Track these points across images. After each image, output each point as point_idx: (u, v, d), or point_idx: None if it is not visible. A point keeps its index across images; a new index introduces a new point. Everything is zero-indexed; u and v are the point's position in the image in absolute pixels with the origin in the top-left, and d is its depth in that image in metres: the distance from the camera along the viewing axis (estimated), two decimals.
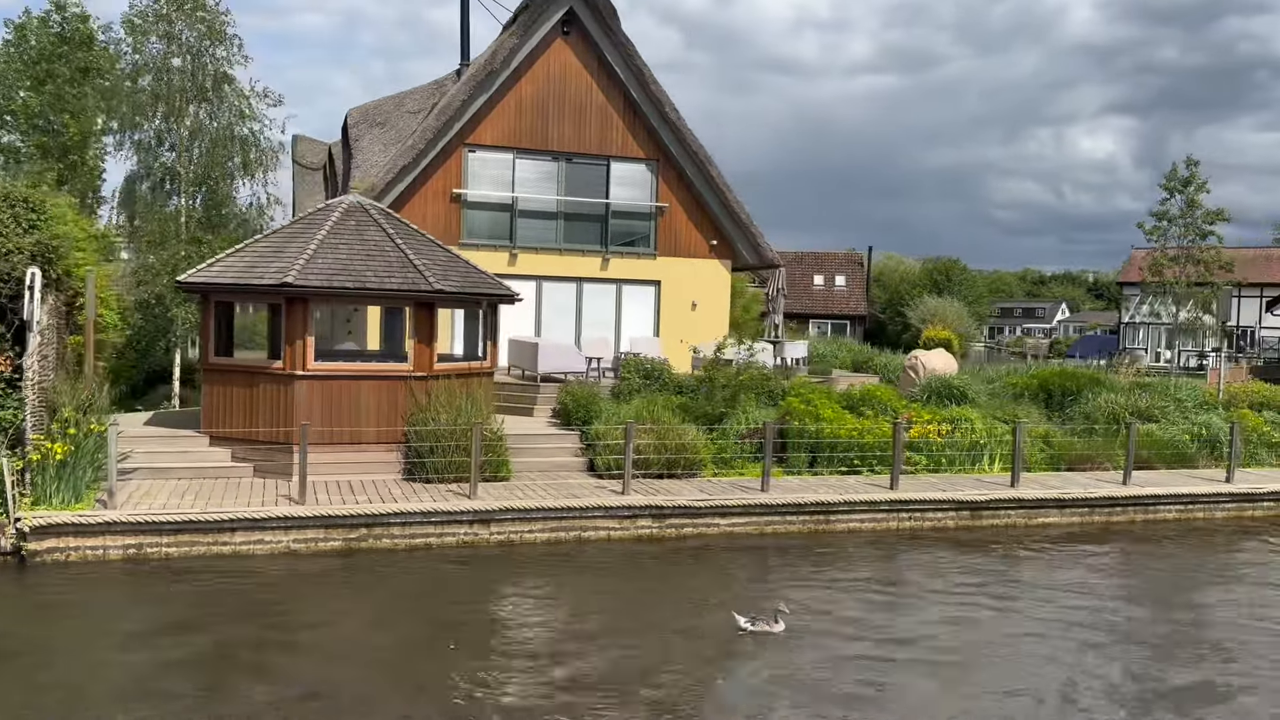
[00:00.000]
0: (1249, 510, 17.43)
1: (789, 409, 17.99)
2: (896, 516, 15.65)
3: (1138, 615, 11.96)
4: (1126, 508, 16.81)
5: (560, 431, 17.48)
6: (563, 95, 24.74)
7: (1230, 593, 13.11)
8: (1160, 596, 12.87)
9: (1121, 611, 12.05)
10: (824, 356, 33.72)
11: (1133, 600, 12.69)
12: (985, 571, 13.58)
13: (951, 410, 19.47)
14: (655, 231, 25.86)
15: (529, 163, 24.79)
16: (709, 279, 26.24)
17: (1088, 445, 18.98)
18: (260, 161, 23.26)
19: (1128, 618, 11.80)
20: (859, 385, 21.44)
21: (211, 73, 22.68)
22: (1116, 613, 11.96)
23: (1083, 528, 16.30)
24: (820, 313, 74.69)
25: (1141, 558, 14.91)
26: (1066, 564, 14.28)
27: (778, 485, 15.91)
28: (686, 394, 19.17)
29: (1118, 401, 21.02)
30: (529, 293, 24.89)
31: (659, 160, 25.58)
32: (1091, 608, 12.01)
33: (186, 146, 22.56)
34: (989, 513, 16.08)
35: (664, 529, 14.49)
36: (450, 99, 23.60)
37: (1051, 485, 16.92)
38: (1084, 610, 11.85)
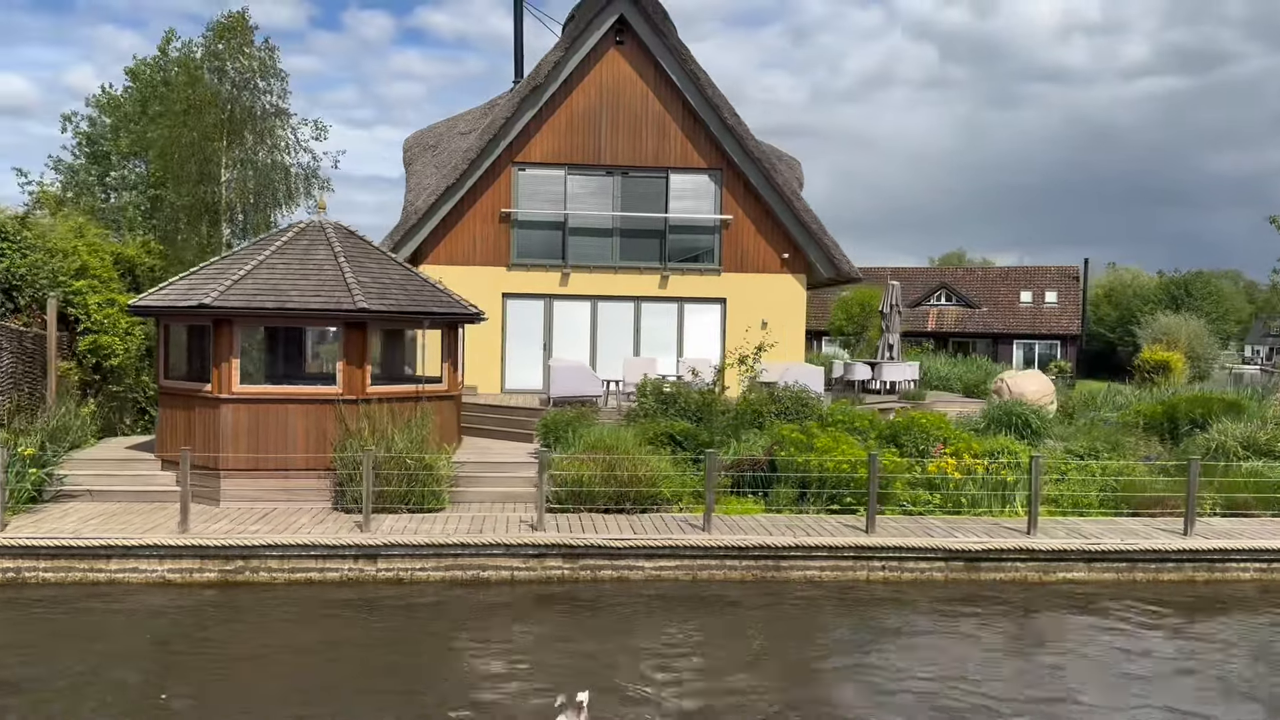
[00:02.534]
0: None
1: (780, 437, 15.91)
2: (867, 565, 13.30)
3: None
4: (1182, 563, 13.51)
5: (535, 460, 16.31)
6: (616, 106, 23.71)
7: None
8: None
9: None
10: (945, 379, 30.55)
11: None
12: (916, 644, 11.15)
13: (998, 440, 16.61)
14: (719, 246, 24.21)
15: (581, 178, 23.89)
16: (781, 295, 24.24)
17: (1164, 485, 15.58)
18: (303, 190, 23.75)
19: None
20: (941, 412, 18.91)
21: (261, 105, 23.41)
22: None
23: (1118, 587, 13.23)
24: (1026, 332, 68.90)
25: (1168, 631, 11.80)
26: (1057, 638, 11.50)
27: (732, 524, 13.97)
28: (703, 419, 17.49)
29: (1234, 433, 17.29)
30: (583, 313, 23.98)
31: (722, 170, 23.96)
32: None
33: (232, 178, 23.45)
34: (989, 565, 13.37)
35: (577, 570, 12.99)
36: (494, 118, 23.12)
37: (1086, 534, 13.90)
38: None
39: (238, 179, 23.84)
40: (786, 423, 17.30)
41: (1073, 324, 68.49)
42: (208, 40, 24.03)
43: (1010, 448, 16.24)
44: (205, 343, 14.61)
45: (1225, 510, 15.25)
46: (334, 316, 14.48)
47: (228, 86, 23.57)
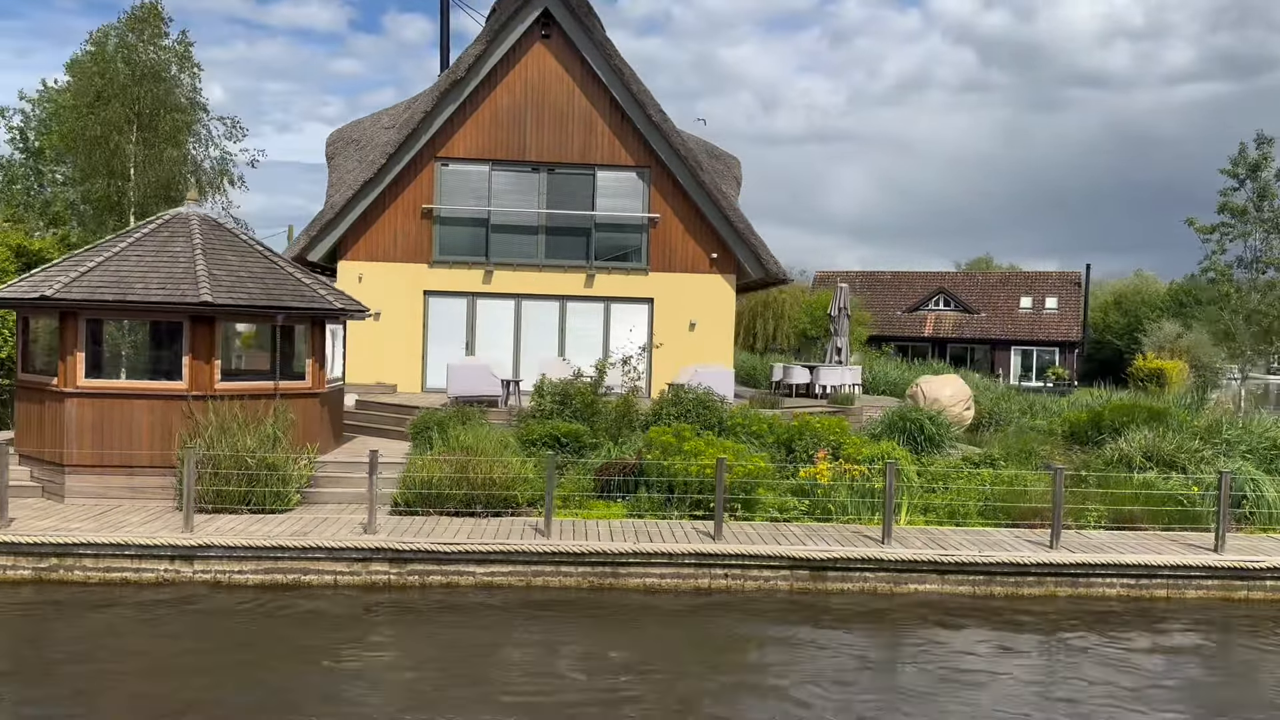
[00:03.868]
0: (1240, 590, 12.87)
1: (650, 440, 15.41)
2: (709, 574, 12.77)
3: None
4: (1044, 577, 12.87)
5: (404, 461, 15.90)
6: (542, 101, 23.29)
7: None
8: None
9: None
10: (893, 383, 29.86)
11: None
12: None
13: (881, 446, 16.01)
14: (647, 245, 23.73)
15: (506, 174, 23.50)
16: (710, 295, 23.71)
17: (1048, 496, 14.91)
18: (214, 185, 23.47)
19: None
20: (839, 416, 18.35)
21: (175, 99, 23.16)
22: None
23: (973, 601, 12.61)
24: (1024, 338, 67.77)
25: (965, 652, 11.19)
26: (856, 650, 10.93)
27: (581, 529, 13.49)
28: (595, 420, 17.02)
29: (1138, 443, 16.58)
30: (507, 312, 23.60)
31: (650, 168, 23.48)
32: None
33: (139, 170, 23.21)
34: (836, 575, 12.79)
35: (405, 575, 12.56)
36: (413, 112, 22.79)
37: (948, 545, 13.28)
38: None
39: (145, 173, 23.61)
40: (685, 426, 16.83)
41: (1073, 330, 67.22)
42: (119, 30, 23.87)
43: (891, 454, 15.64)
44: (55, 336, 14.33)
45: (1111, 523, 14.57)
46: (178, 310, 14.14)
47: (136, 77, 23.32)
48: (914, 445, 17.06)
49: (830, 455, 15.95)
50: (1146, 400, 20.73)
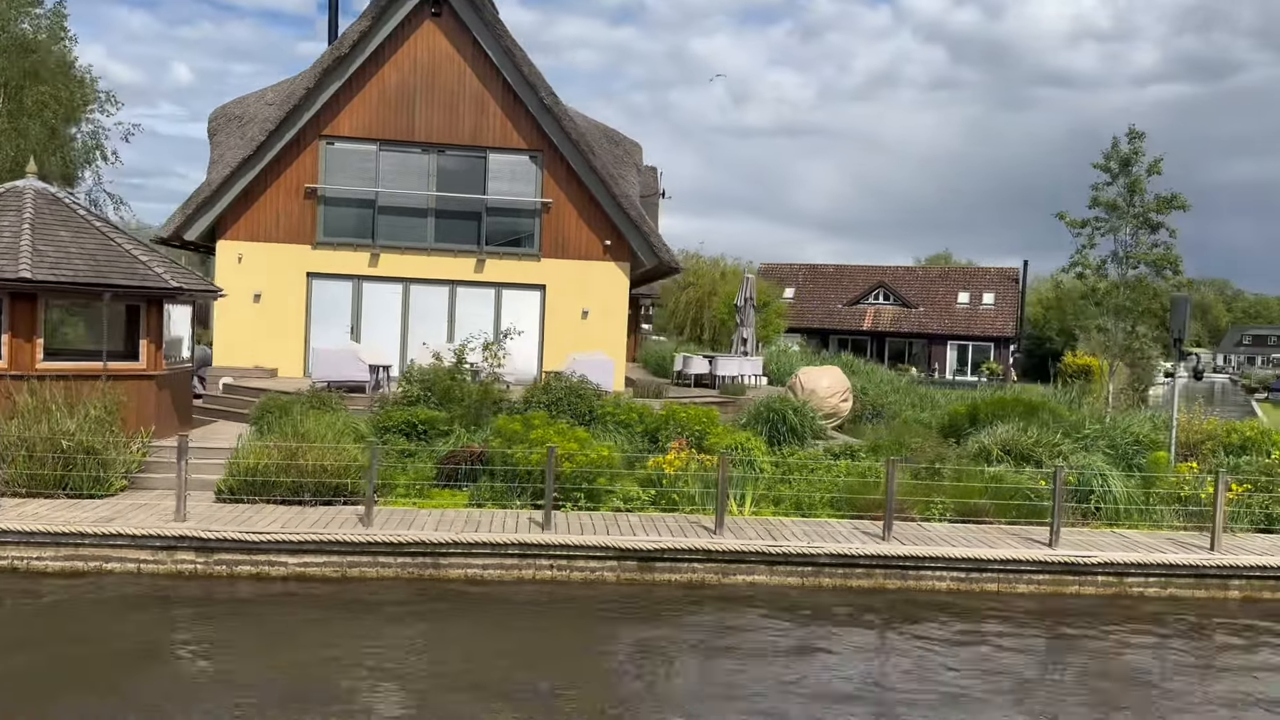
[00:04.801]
0: (1071, 585, 12.77)
1: (497, 428, 15.06)
2: (534, 564, 12.45)
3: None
4: (873, 569, 12.69)
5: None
6: (432, 81, 22.78)
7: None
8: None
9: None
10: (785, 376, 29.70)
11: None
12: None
13: (737, 436, 15.77)
14: (540, 230, 23.32)
15: (395, 155, 22.97)
16: (603, 283, 23.37)
17: (900, 489, 14.73)
18: (86, 159, 22.74)
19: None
20: (709, 405, 18.11)
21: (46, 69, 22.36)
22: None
23: (800, 593, 12.41)
24: (961, 333, 68.10)
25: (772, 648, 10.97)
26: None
27: (409, 519, 13.10)
28: (461, 408, 16.61)
29: (999, 436, 16.51)
30: (394, 296, 23.09)
31: (543, 152, 23.06)
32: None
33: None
34: (665, 565, 12.53)
35: (212, 565, 12.10)
36: (295, 88, 22.19)
37: (784, 536, 13.06)
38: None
39: (3, 148, 22.81)
40: (556, 415, 16.53)
41: (1009, 326, 67.69)
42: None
43: (745, 444, 15.41)
44: None
45: (958, 516, 14.43)
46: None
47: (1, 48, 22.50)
48: (777, 436, 16.83)
49: (690, 445, 15.71)
50: (1025, 395, 20.67)
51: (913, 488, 15.02)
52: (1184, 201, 24.56)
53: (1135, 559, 12.70)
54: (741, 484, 14.53)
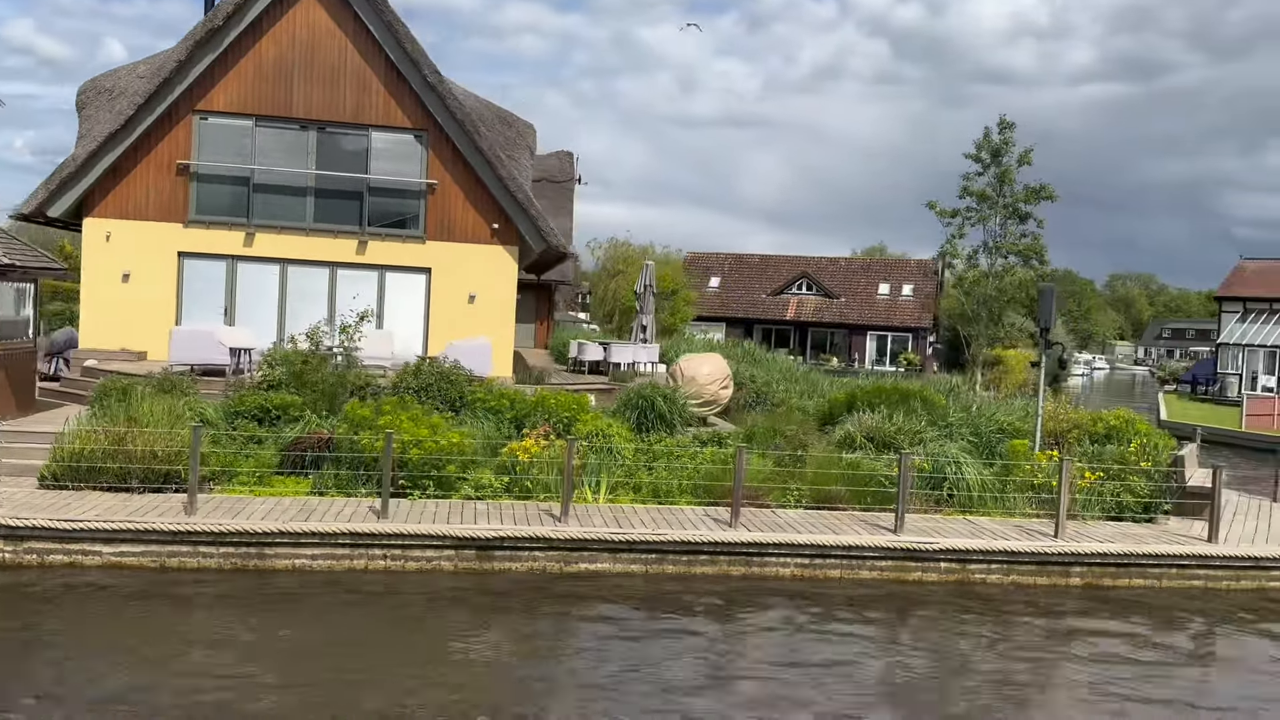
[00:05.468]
0: (914, 572, 12.74)
1: (345, 413, 14.59)
2: (366, 554, 12.04)
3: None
4: (716, 556, 12.52)
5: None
6: (312, 56, 22.05)
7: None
8: None
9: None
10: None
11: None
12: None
13: (600, 422, 15.50)
14: (425, 212, 22.75)
15: (272, 131, 22.20)
16: (491, 267, 22.90)
17: (758, 475, 14.64)
18: None
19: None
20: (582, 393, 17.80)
21: None
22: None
23: (645, 580, 12.19)
24: (880, 324, 68.71)
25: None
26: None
27: (240, 507, 12.59)
28: (315, 393, 16.05)
29: (865, 424, 16.48)
30: (271, 278, 22.35)
31: (428, 131, 22.48)
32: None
33: None
34: (504, 554, 12.22)
35: (20, 554, 11.50)
36: (166, 60, 21.32)
37: (632, 523, 12.82)
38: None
39: None
40: (425, 401, 16.14)
41: (926, 317, 68.53)
42: None
43: (605, 431, 15.15)
44: None
45: (814, 503, 14.35)
46: None
47: None
48: (645, 423, 16.58)
49: (553, 432, 15.40)
50: (903, 384, 20.74)
51: (773, 475, 14.92)
52: (1052, 192, 24.91)
53: (978, 545, 12.71)
54: (597, 471, 14.25)
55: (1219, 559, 12.86)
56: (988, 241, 26.19)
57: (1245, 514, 15.75)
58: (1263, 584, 12.95)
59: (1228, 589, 12.89)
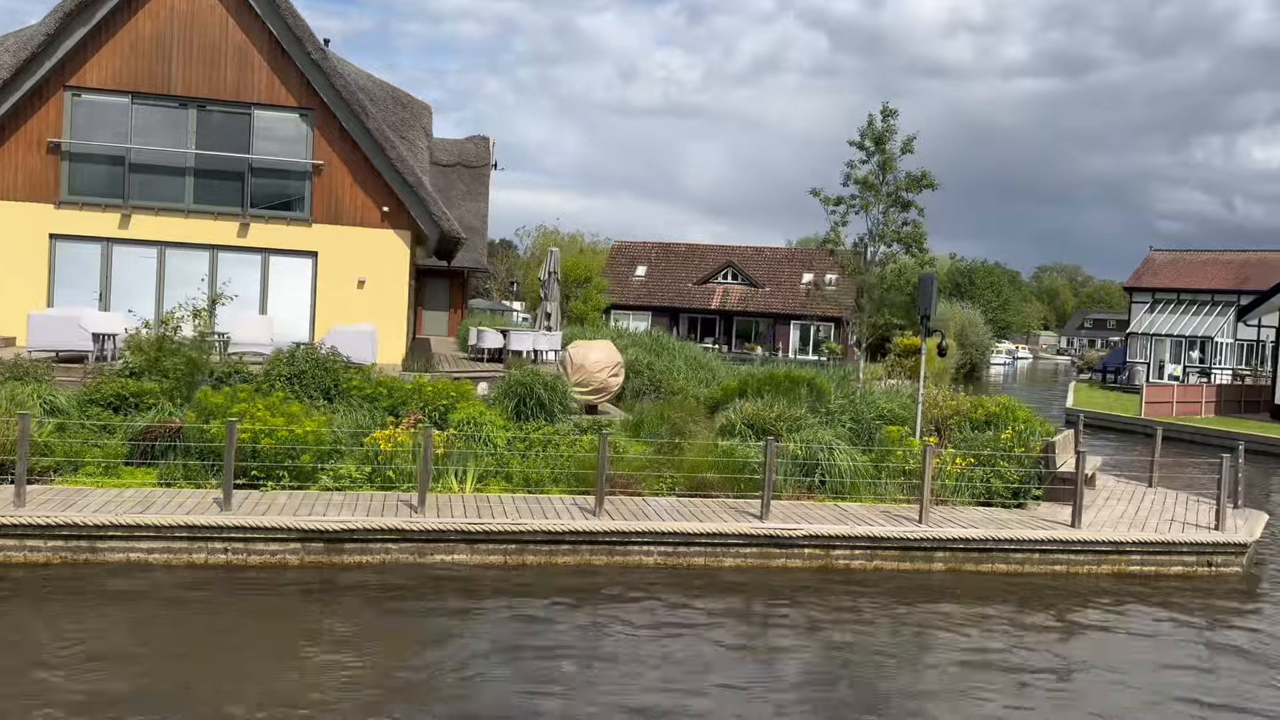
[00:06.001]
0: (778, 559, 12.61)
1: (197, 401, 14.01)
2: (205, 548, 11.52)
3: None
4: (579, 545, 12.25)
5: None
6: (191, 31, 21.24)
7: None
8: None
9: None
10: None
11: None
12: None
13: (471, 409, 15.10)
14: (310, 193, 22.08)
15: (150, 109, 21.36)
16: (381, 252, 22.33)
17: (630, 464, 14.41)
18: None
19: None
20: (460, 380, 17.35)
21: None
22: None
23: (504, 570, 11.86)
24: (804, 313, 69.06)
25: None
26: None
27: (72, 499, 11.97)
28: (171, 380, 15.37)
29: (745, 411, 16.33)
30: (149, 261, 21.50)
31: (314, 110, 21.79)
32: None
33: None
34: (355, 547, 11.79)
35: None
36: (33, 34, 20.33)
37: (495, 513, 12.47)
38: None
39: None
40: (298, 389, 15.57)
41: (850, 305, 68.95)
42: None
43: (478, 419, 14.78)
44: None
45: (686, 490, 14.16)
46: None
47: None
48: (525, 411, 16.20)
49: (424, 420, 14.99)
50: (794, 371, 20.69)
51: (648, 463, 14.70)
52: (932, 180, 25.07)
53: (841, 531, 12.62)
54: (464, 460, 13.87)
55: (1079, 543, 12.95)
56: (871, 229, 26.27)
57: (1119, 498, 15.96)
58: (1122, 568, 13.07)
59: (1089, 573, 12.99)
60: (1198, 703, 9.18)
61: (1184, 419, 34.36)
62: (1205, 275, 58.45)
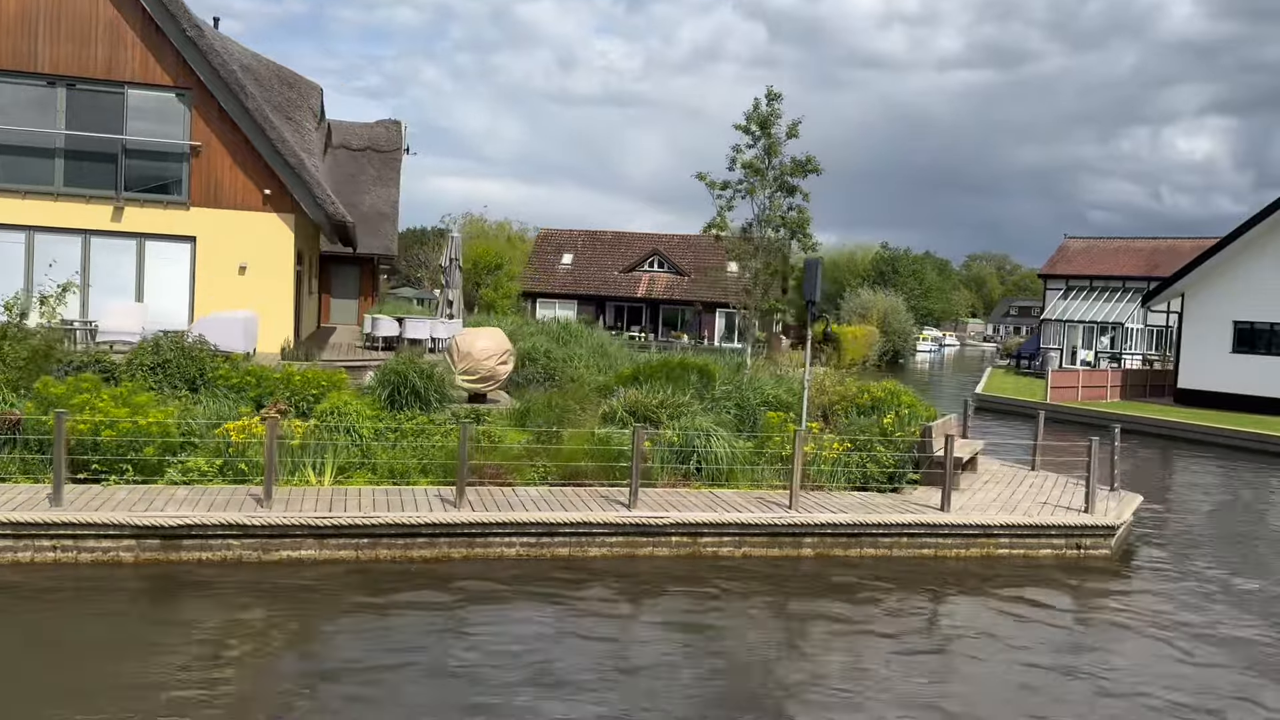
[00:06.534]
0: (645, 547, 12.31)
1: (35, 392, 13.27)
2: (33, 545, 10.86)
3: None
4: (436, 538, 11.82)
5: None
6: (59, 5, 20.23)
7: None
8: None
9: None
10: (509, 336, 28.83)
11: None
12: None
13: (336, 399, 14.56)
14: (188, 176, 21.20)
15: (14, 87, 20.30)
16: (264, 236, 21.54)
17: (506, 453, 14.02)
18: None
19: None
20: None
21: None
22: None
23: (354, 564, 11.39)
24: (729, 301, 69.01)
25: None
26: None
27: None
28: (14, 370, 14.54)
29: (631, 399, 16.03)
30: (16, 247, 20.46)
31: (192, 89, 20.91)
32: None
33: None
34: (194, 543, 11.22)
35: None
36: None
37: (357, 506, 11.98)
38: None
39: None
40: (161, 379, 14.89)
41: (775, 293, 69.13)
42: None
43: (344, 409, 14.24)
44: None
45: (559, 479, 13.81)
46: None
47: None
48: (399, 400, 15.68)
49: (292, 411, 14.43)
50: (692, 358, 20.48)
51: (523, 453, 14.31)
52: (817, 165, 25.01)
53: (709, 519, 12.38)
54: (322, 451, 13.34)
55: (947, 527, 12.89)
56: (758, 214, 26.14)
57: (998, 482, 16.00)
58: (990, 551, 13.05)
59: (957, 556, 12.94)
60: (1033, 689, 9.10)
61: (1089, 403, 35.01)
62: (1117, 262, 59.77)
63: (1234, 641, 10.47)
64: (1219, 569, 13.36)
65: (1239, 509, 18.71)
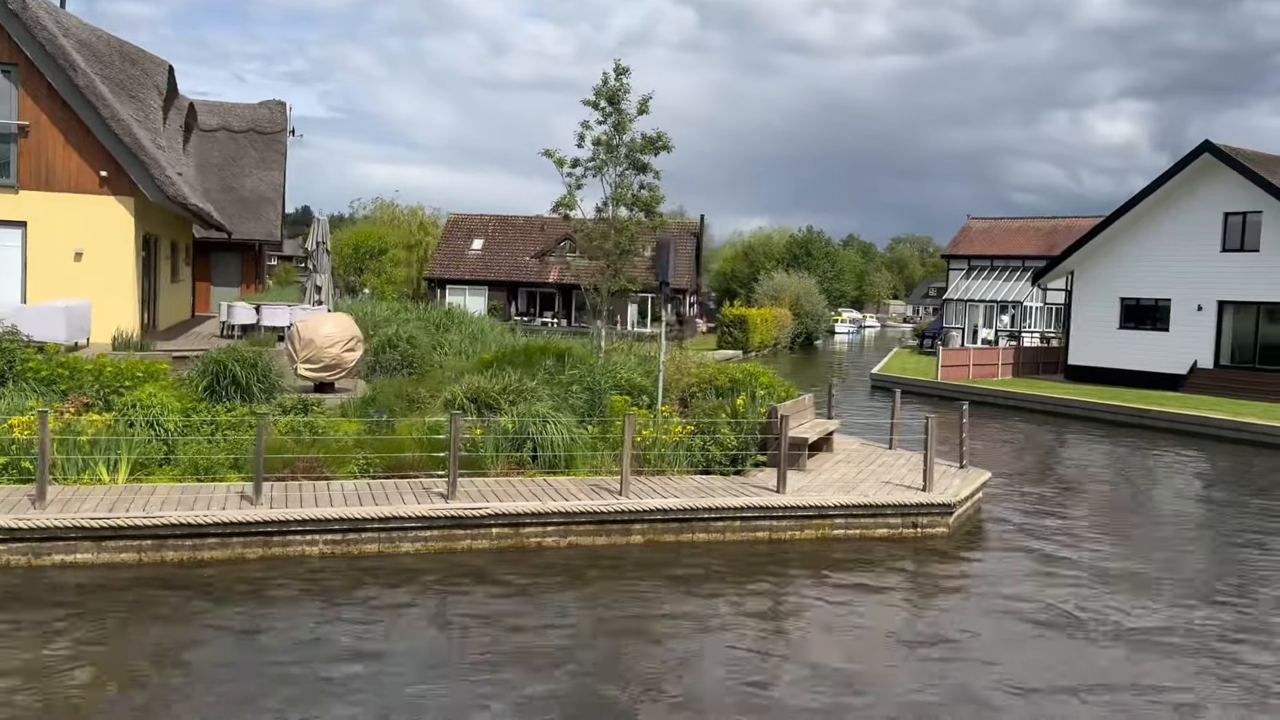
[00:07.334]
0: (464, 540, 11.68)
1: None
2: None
3: None
4: (228, 538, 11.03)
5: None
6: None
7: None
8: None
9: None
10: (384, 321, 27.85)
11: None
12: None
13: (143, 394, 13.58)
14: (16, 158, 19.86)
15: None
16: (102, 221, 20.32)
17: (339, 445, 13.26)
18: None
19: None
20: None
21: None
22: None
23: (135, 569, 10.54)
24: (644, 285, 68.40)
25: None
26: None
27: None
28: None
29: (470, 385, 15.35)
30: None
31: (19, 66, 19.57)
32: None
33: None
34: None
35: None
36: None
37: (144, 506, 11.10)
38: None
39: None
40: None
41: (686, 278, 68.98)
42: None
43: (148, 401, 13.30)
44: None
45: (385, 472, 13.08)
46: None
47: None
48: (219, 391, 14.72)
49: (97, 403, 13.46)
50: (555, 342, 19.84)
51: (350, 444, 13.55)
52: (667, 142, 24.57)
53: (531, 509, 11.79)
54: (115, 447, 12.40)
55: (781, 509, 12.50)
56: (609, 192, 25.59)
57: (850, 462, 15.71)
58: (825, 532, 12.70)
59: (793, 538, 12.56)
60: (835, 671, 8.70)
61: (980, 381, 35.27)
62: (1017, 242, 60.65)
63: (1051, 613, 10.25)
64: (1056, 544, 13.20)
65: (1104, 484, 18.75)
